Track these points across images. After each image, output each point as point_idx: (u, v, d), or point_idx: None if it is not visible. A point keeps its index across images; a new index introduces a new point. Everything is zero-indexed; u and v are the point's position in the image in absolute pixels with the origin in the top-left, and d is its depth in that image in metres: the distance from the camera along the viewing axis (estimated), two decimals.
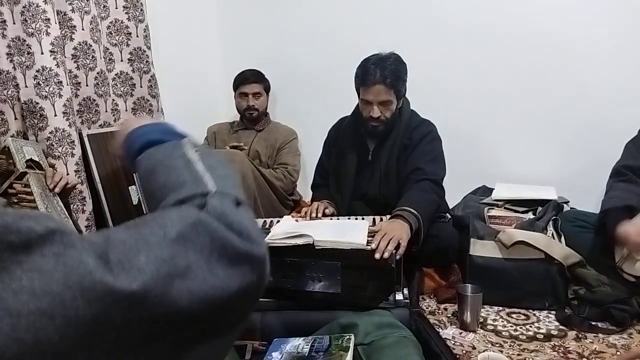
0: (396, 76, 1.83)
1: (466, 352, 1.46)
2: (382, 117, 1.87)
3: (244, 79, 2.62)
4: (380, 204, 1.93)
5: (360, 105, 1.93)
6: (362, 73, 1.86)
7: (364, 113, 1.90)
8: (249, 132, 2.67)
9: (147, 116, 0.80)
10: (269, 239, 1.50)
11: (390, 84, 1.82)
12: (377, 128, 1.91)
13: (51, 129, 1.94)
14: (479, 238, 1.82)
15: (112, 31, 2.32)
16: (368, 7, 2.56)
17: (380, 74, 1.80)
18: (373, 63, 1.84)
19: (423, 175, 1.82)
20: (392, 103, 1.86)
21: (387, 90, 1.82)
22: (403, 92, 1.91)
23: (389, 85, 1.82)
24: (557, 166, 2.33)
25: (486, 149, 2.46)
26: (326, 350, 1.21)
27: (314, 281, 1.49)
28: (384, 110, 1.86)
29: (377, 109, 1.85)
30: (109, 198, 2.18)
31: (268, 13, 2.82)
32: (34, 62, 1.90)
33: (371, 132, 1.94)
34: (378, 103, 1.85)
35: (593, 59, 2.20)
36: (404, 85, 1.88)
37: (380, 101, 1.84)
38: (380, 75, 1.80)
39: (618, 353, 1.44)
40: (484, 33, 2.35)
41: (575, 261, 1.72)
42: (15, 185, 1.55)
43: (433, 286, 1.89)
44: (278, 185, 2.37)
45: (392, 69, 1.82)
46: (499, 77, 2.37)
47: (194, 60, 2.83)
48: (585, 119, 2.25)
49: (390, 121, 1.91)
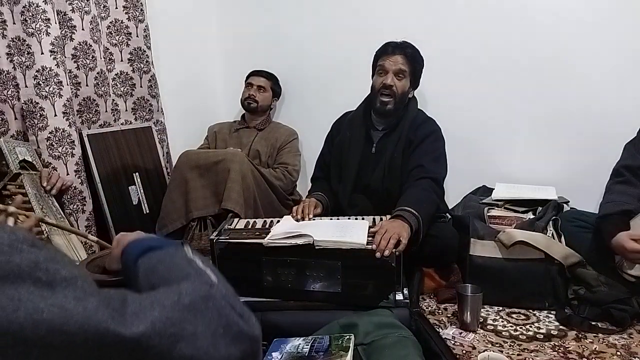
0: (416, 53, 1.94)
1: (466, 352, 1.46)
2: (394, 89, 1.91)
3: (255, 72, 2.71)
4: (381, 197, 1.93)
5: (375, 79, 1.97)
6: (383, 47, 1.96)
7: (377, 83, 1.94)
8: (249, 131, 2.67)
9: (139, 231, 0.84)
10: (269, 239, 1.50)
11: (411, 57, 1.92)
12: (387, 105, 1.92)
13: (51, 129, 1.94)
14: (479, 238, 1.82)
15: (112, 31, 2.33)
16: (368, 8, 2.56)
17: (401, 47, 1.93)
18: (394, 42, 1.95)
19: (424, 173, 1.82)
20: (405, 78, 1.92)
21: (406, 61, 1.91)
22: (417, 78, 1.98)
23: (409, 57, 1.91)
24: (557, 166, 2.33)
25: (486, 149, 2.45)
26: (326, 350, 1.21)
27: (314, 281, 1.49)
28: (397, 82, 1.91)
29: (391, 77, 1.90)
30: (109, 198, 2.18)
31: (268, 13, 2.82)
32: (34, 62, 1.90)
33: (380, 110, 1.94)
34: (394, 73, 1.90)
35: (593, 59, 2.20)
36: (420, 70, 1.98)
37: (397, 70, 1.90)
38: (401, 47, 1.92)
39: (618, 353, 1.44)
40: (484, 33, 2.35)
41: (575, 261, 1.72)
42: (9, 187, 1.53)
43: (433, 286, 1.89)
44: (278, 185, 2.37)
45: (412, 49, 1.94)
46: (499, 77, 2.37)
47: (194, 60, 2.84)
48: (585, 119, 2.25)
49: (399, 101, 1.93)
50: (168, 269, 0.67)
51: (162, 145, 2.54)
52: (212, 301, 0.55)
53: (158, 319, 0.49)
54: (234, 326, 0.55)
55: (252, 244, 1.53)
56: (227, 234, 1.63)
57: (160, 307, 0.51)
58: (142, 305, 0.50)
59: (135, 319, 0.48)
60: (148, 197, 2.37)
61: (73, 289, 0.46)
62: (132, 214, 2.29)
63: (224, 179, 2.12)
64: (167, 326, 0.49)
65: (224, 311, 0.56)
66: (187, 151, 2.31)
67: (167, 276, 0.65)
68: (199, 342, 0.51)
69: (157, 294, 0.54)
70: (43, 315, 0.43)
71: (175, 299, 0.53)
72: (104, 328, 0.45)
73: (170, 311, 0.51)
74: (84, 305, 0.45)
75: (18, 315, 0.42)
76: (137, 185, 2.33)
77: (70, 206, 2.00)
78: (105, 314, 0.46)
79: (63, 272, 0.47)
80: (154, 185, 2.42)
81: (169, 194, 2.25)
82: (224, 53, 2.98)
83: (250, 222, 1.78)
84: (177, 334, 0.50)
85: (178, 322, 0.51)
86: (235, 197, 2.07)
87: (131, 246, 0.78)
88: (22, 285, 0.43)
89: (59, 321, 0.43)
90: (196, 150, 2.50)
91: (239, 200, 2.08)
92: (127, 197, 2.29)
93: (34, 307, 0.43)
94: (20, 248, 0.46)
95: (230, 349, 0.54)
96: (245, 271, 1.51)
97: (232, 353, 0.54)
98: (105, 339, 0.45)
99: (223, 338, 0.53)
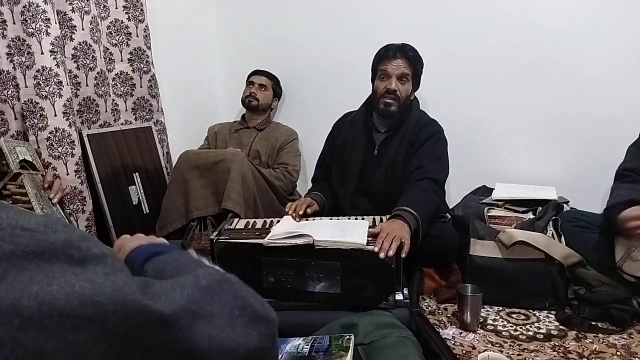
0: (417, 56, 1.92)
1: (466, 352, 1.46)
2: (398, 93, 1.90)
3: (257, 71, 2.73)
4: (383, 199, 1.93)
5: (377, 83, 1.95)
6: (383, 50, 1.94)
7: (380, 88, 1.92)
8: (249, 131, 2.67)
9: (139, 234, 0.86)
10: (269, 239, 1.50)
11: (412, 60, 1.90)
12: (390, 107, 1.91)
13: (51, 129, 1.94)
14: (479, 238, 1.82)
15: (112, 31, 2.33)
16: (369, 9, 2.56)
17: (402, 50, 1.90)
18: (394, 45, 1.93)
19: (425, 174, 1.82)
20: (408, 82, 1.91)
21: (408, 65, 1.90)
22: (419, 80, 1.97)
23: (411, 60, 1.90)
24: (557, 166, 2.33)
25: (486, 149, 2.45)
26: (326, 350, 1.21)
27: (314, 281, 1.49)
28: (401, 88, 1.90)
29: (394, 82, 1.89)
30: (109, 198, 2.18)
31: (268, 13, 2.82)
32: (34, 62, 1.90)
33: (383, 112, 1.93)
34: (397, 77, 1.89)
35: (594, 59, 2.20)
36: (421, 71, 1.96)
37: (400, 74, 1.89)
38: (402, 51, 1.90)
39: (618, 353, 1.44)
40: (484, 33, 2.35)
41: (575, 261, 1.72)
42: (10, 187, 1.54)
43: (433, 286, 1.89)
44: (278, 185, 2.37)
45: (413, 52, 1.92)
46: (500, 77, 2.37)
47: (194, 60, 2.83)
48: (585, 119, 2.25)
49: (403, 104, 1.92)
50: (177, 268, 0.68)
51: (162, 145, 2.54)
52: (227, 284, 0.58)
53: (179, 298, 0.52)
54: (249, 308, 0.57)
55: (252, 244, 1.53)
56: (227, 234, 1.63)
57: (181, 288, 0.54)
58: (164, 286, 0.53)
59: (159, 298, 0.51)
60: (148, 197, 2.37)
61: (103, 266, 0.49)
62: (132, 214, 2.29)
63: (224, 179, 2.12)
64: (189, 303, 0.52)
65: (239, 294, 0.58)
66: (187, 151, 2.31)
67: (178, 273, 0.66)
68: (217, 321, 0.54)
69: (176, 278, 0.57)
70: (75, 289, 0.46)
71: (193, 281, 0.56)
72: (131, 299, 0.48)
73: (190, 290, 0.54)
74: (113, 280, 0.49)
75: (52, 289, 0.45)
76: (137, 185, 2.33)
77: (70, 206, 2.00)
78: (133, 287, 0.50)
79: (94, 250, 0.50)
80: (154, 185, 2.42)
81: (169, 194, 2.25)
82: (224, 53, 2.98)
83: (250, 222, 1.78)
84: (196, 312, 0.53)
85: (198, 301, 0.54)
86: (235, 197, 2.07)
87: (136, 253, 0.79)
88: (56, 263, 0.46)
89: (90, 293, 0.46)
90: (196, 150, 2.50)
91: (239, 200, 2.08)
92: (127, 197, 2.29)
93: (66, 281, 0.46)
94: (55, 228, 0.49)
95: (247, 329, 0.56)
96: (245, 271, 1.50)
97: (249, 333, 0.56)
98: (134, 309, 0.48)
99: (240, 319, 0.56)
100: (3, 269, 0.43)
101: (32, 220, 0.48)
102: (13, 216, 0.47)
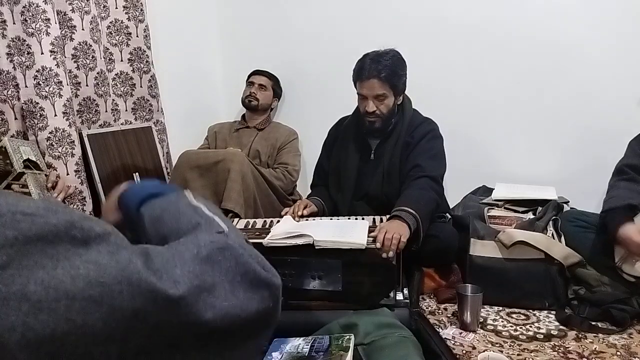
0: (392, 71, 1.84)
1: (466, 352, 1.46)
2: (378, 112, 1.88)
3: (257, 71, 2.72)
4: (381, 203, 1.93)
5: (358, 101, 1.95)
6: (358, 68, 1.89)
7: (361, 108, 1.92)
8: (249, 131, 2.67)
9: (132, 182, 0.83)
10: (269, 239, 1.50)
11: (385, 78, 1.83)
12: (374, 124, 1.91)
13: (51, 129, 1.94)
14: (479, 238, 1.82)
15: (112, 31, 2.32)
16: (368, 8, 2.56)
17: (375, 68, 1.82)
18: (370, 58, 1.86)
19: (422, 172, 1.82)
20: (387, 97, 1.87)
21: (382, 84, 1.84)
22: (401, 88, 1.91)
23: (384, 79, 1.83)
24: (557, 166, 2.33)
25: (486, 149, 2.45)
26: (326, 350, 1.21)
27: (315, 279, 1.49)
28: (380, 105, 1.87)
29: (372, 104, 1.86)
30: None
31: (268, 13, 2.82)
32: (34, 62, 1.89)
33: (369, 129, 1.94)
34: (373, 97, 1.86)
35: (593, 59, 2.20)
36: (400, 80, 1.89)
37: (375, 95, 1.86)
38: (375, 69, 1.82)
39: (618, 353, 1.44)
40: (484, 33, 2.35)
41: (575, 261, 1.72)
42: (13, 186, 1.54)
43: (433, 286, 1.89)
44: (278, 185, 2.37)
45: (387, 64, 1.83)
46: (500, 78, 2.37)
47: (194, 60, 2.83)
48: (585, 119, 2.25)
49: (388, 117, 1.91)
50: (175, 218, 0.68)
51: (162, 145, 2.54)
52: (229, 250, 0.58)
53: (181, 275, 0.52)
54: (251, 273, 0.58)
55: (252, 244, 1.53)
56: None
57: (182, 262, 0.53)
58: (165, 259, 0.53)
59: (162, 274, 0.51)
60: None
61: (106, 244, 0.49)
62: None
63: (224, 179, 2.12)
64: (192, 279, 0.52)
65: (241, 259, 0.58)
66: (187, 151, 2.31)
67: (176, 225, 0.66)
68: (218, 291, 0.54)
69: (177, 247, 0.56)
70: (79, 271, 0.46)
71: (194, 252, 0.55)
72: (137, 278, 0.48)
73: (191, 264, 0.54)
74: (117, 259, 0.48)
75: (57, 272, 0.45)
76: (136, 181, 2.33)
77: (70, 206, 2.00)
78: (138, 264, 0.49)
79: (97, 228, 0.50)
80: None
81: None
82: (224, 53, 2.98)
83: (250, 222, 1.78)
84: (200, 286, 0.52)
85: (200, 274, 0.53)
86: (235, 197, 2.07)
87: (129, 194, 0.77)
88: (59, 245, 0.46)
89: (95, 274, 0.46)
90: (196, 150, 2.50)
91: (239, 200, 2.08)
92: None
93: (70, 264, 0.46)
94: (55, 210, 0.49)
95: (248, 293, 0.56)
96: None
97: (251, 297, 0.56)
98: (139, 288, 0.48)
99: (241, 284, 0.56)
100: (8, 255, 0.43)
101: (32, 205, 0.48)
102: (12, 202, 0.47)
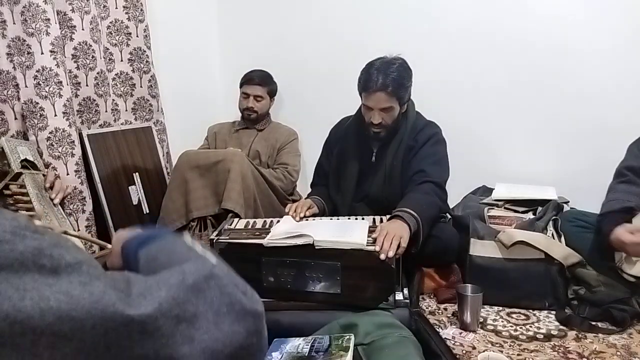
0: (399, 84, 1.78)
1: (466, 352, 1.46)
2: (384, 123, 1.85)
3: (249, 79, 2.60)
4: (382, 205, 1.92)
5: (362, 109, 1.91)
6: (364, 78, 1.82)
7: (366, 118, 1.89)
8: (249, 131, 2.67)
9: (136, 228, 0.85)
10: (269, 239, 1.50)
11: (392, 91, 1.78)
12: (379, 135, 1.90)
13: (51, 129, 1.94)
14: (479, 238, 1.82)
15: (112, 31, 2.32)
16: (370, 8, 2.56)
17: (382, 81, 1.76)
18: (376, 68, 1.79)
19: (426, 177, 1.81)
20: (393, 109, 1.84)
21: (389, 97, 1.79)
22: (406, 98, 1.88)
23: (391, 93, 1.78)
24: (557, 166, 2.33)
25: (486, 149, 2.45)
26: (326, 350, 1.21)
27: (314, 281, 1.49)
28: (385, 117, 1.84)
29: (377, 116, 1.83)
30: (109, 198, 2.18)
31: (268, 13, 2.82)
32: (34, 62, 1.89)
33: (373, 137, 1.93)
34: (379, 110, 1.83)
35: (593, 59, 2.20)
36: (407, 91, 1.85)
37: (382, 108, 1.82)
38: (382, 82, 1.76)
39: (618, 353, 1.44)
40: (484, 33, 2.35)
41: (575, 261, 1.72)
42: (11, 186, 1.53)
43: (433, 286, 1.89)
44: (278, 185, 2.37)
45: (394, 76, 1.77)
46: (500, 78, 2.37)
47: (194, 60, 2.83)
48: (585, 119, 2.25)
49: (393, 127, 1.90)
50: (168, 256, 0.67)
51: (162, 145, 2.54)
52: (214, 280, 0.56)
53: (165, 299, 0.49)
54: (237, 304, 0.55)
55: (252, 244, 1.53)
56: (227, 234, 1.63)
57: (167, 287, 0.51)
58: (148, 285, 0.51)
59: (142, 299, 0.48)
60: (148, 197, 2.37)
61: (78, 274, 0.46)
62: (132, 214, 2.29)
63: (224, 179, 2.12)
64: (173, 307, 0.50)
65: (226, 289, 0.56)
66: (187, 151, 2.31)
67: (168, 262, 0.65)
68: (200, 322, 0.51)
69: (162, 274, 0.54)
70: (49, 303, 0.43)
71: (180, 279, 0.53)
72: (111, 311, 0.45)
73: (175, 291, 0.51)
74: (90, 291, 0.45)
75: (25, 305, 0.42)
76: (137, 185, 2.33)
77: (70, 206, 2.00)
78: (113, 296, 0.46)
79: (67, 257, 0.47)
80: (154, 185, 2.42)
81: (169, 194, 2.25)
82: (224, 53, 2.98)
83: (250, 222, 1.78)
84: (180, 315, 0.50)
85: (182, 303, 0.51)
86: (235, 197, 2.08)
87: (131, 240, 0.79)
88: (26, 274, 0.43)
89: (66, 307, 0.43)
90: (196, 150, 2.50)
91: (239, 200, 2.08)
92: (127, 197, 2.29)
93: (39, 295, 0.43)
94: (23, 235, 0.45)
95: (234, 326, 0.54)
96: (245, 271, 1.48)
97: (237, 330, 0.54)
98: (114, 322, 0.45)
99: (227, 316, 0.54)
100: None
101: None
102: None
